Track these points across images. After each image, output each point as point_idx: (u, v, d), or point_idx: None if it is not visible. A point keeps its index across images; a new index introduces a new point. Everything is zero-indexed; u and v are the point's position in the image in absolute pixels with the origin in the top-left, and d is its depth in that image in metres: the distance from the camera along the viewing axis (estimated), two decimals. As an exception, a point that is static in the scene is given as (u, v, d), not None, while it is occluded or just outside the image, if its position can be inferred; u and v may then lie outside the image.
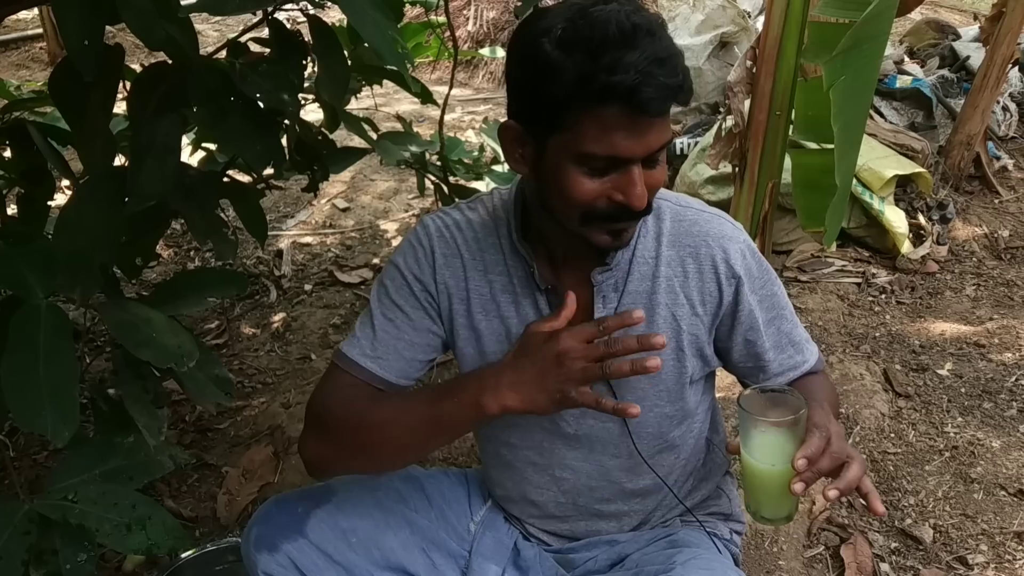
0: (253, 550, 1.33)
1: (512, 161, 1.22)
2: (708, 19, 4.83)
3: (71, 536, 1.31)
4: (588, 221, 1.16)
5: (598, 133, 1.07)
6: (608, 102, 1.05)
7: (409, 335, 1.33)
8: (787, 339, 1.37)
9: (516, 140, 1.19)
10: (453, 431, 1.30)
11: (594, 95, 1.05)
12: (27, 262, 1.29)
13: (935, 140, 4.29)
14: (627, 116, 1.05)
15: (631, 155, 1.09)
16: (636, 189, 1.11)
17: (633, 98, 1.03)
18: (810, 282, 3.49)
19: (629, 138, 1.08)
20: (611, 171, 1.11)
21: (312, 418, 1.32)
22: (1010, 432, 2.57)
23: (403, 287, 1.34)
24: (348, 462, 1.33)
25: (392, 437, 1.26)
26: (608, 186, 1.12)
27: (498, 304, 1.33)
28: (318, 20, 1.48)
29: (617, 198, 1.13)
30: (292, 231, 4.04)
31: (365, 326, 1.34)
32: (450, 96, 2.56)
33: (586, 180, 1.12)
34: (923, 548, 2.14)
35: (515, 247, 1.30)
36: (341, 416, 1.28)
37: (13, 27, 7.47)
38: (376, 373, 1.31)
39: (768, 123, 2.78)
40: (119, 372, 1.47)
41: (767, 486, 1.10)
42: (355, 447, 1.29)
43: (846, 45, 1.73)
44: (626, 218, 1.16)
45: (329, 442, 1.30)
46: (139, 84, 1.45)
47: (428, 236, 1.34)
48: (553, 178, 1.15)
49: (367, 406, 1.28)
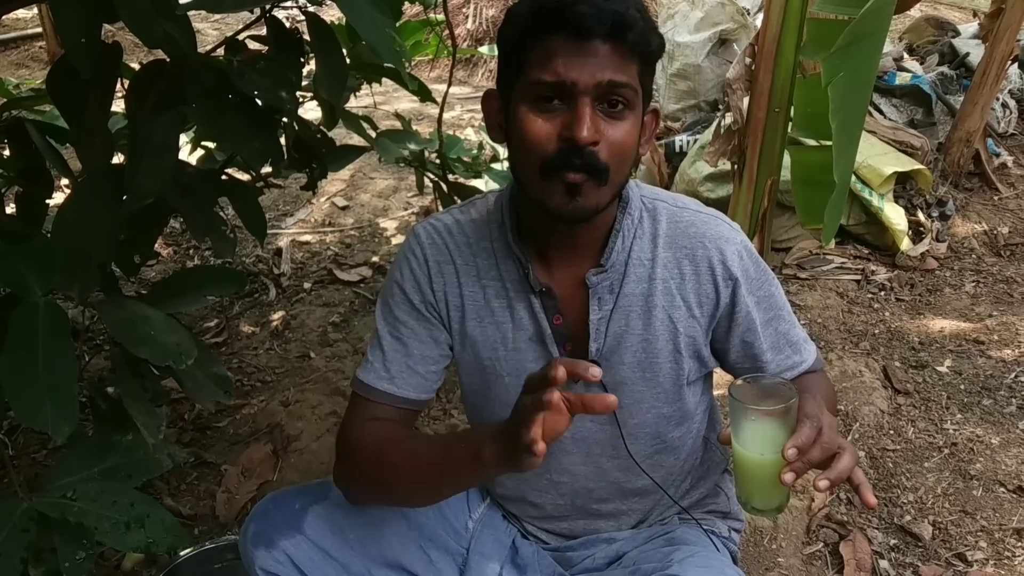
0: (251, 546, 1.34)
1: (492, 131, 1.26)
2: (707, 16, 4.82)
3: (70, 534, 1.31)
4: (546, 173, 1.15)
5: (543, 60, 1.12)
6: (552, 30, 1.10)
7: (418, 349, 1.34)
8: (785, 339, 1.37)
9: (496, 110, 1.24)
10: (461, 478, 1.22)
11: (539, 24, 1.11)
12: (25, 260, 1.29)
13: (934, 137, 4.29)
14: (569, 40, 1.10)
15: (575, 81, 1.10)
16: (582, 122, 1.11)
17: (568, 14, 1.08)
18: (809, 279, 3.49)
19: (571, 61, 1.10)
20: (561, 108, 1.13)
21: (342, 452, 1.34)
22: (1009, 429, 2.57)
23: (404, 302, 1.34)
24: (375, 498, 1.35)
25: (406, 479, 1.26)
26: (559, 124, 1.13)
27: (492, 310, 1.33)
28: (316, 18, 1.48)
29: (565, 135, 1.12)
30: (291, 229, 4.04)
31: (375, 349, 1.35)
32: (449, 94, 2.56)
33: (537, 119, 1.14)
34: (922, 545, 2.14)
35: (508, 248, 1.30)
36: (366, 457, 1.29)
37: (12, 26, 7.47)
38: (395, 394, 1.33)
39: (767, 120, 2.78)
40: (118, 370, 1.47)
41: (757, 476, 1.10)
42: (379, 487, 1.31)
43: (844, 42, 1.73)
44: (576, 164, 1.13)
45: (357, 479, 1.33)
46: (137, 82, 1.45)
47: (420, 245, 1.35)
48: (514, 130, 1.17)
49: (388, 447, 1.28)
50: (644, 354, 1.31)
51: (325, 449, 2.48)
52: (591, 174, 1.14)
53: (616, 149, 1.15)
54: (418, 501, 1.35)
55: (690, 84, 4.83)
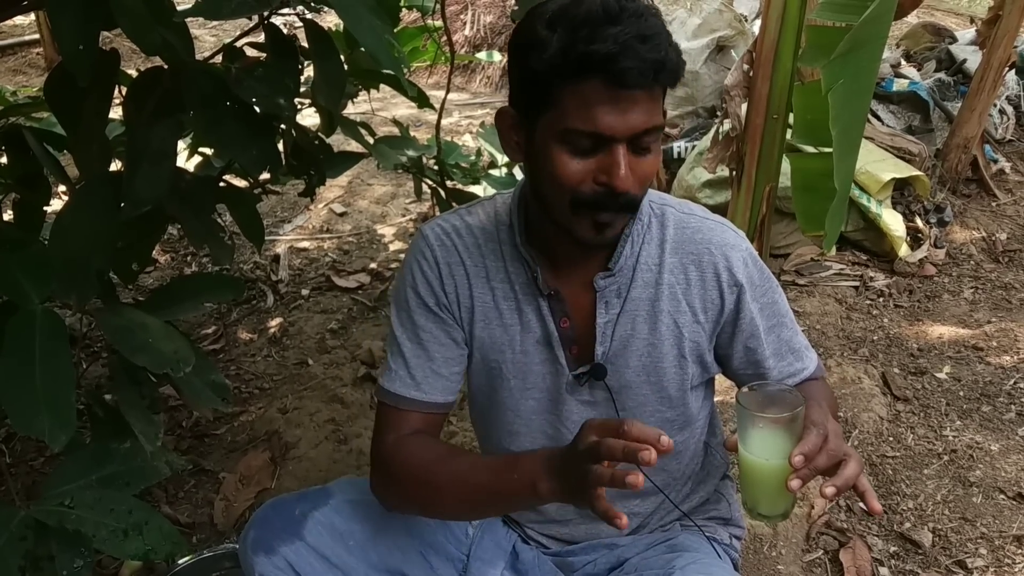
0: (250, 553, 1.33)
1: (508, 149, 1.24)
2: (705, 23, 4.84)
3: (67, 542, 1.30)
4: (577, 208, 1.15)
5: (579, 108, 1.09)
6: (587, 75, 1.06)
7: (440, 352, 1.33)
8: (787, 347, 1.37)
9: (512, 127, 1.21)
10: (512, 504, 1.31)
11: (573, 67, 1.07)
12: (23, 268, 1.28)
13: (932, 143, 4.30)
14: (607, 89, 1.07)
15: (613, 132, 1.09)
16: (620, 170, 1.10)
17: (610, 68, 1.05)
18: (808, 286, 3.49)
19: (610, 113, 1.08)
20: (596, 152, 1.12)
21: (378, 465, 1.33)
22: (1009, 435, 2.57)
23: (419, 306, 1.33)
24: (416, 512, 1.36)
25: (453, 500, 1.25)
26: (593, 167, 1.12)
27: (501, 312, 1.32)
28: (314, 25, 1.48)
29: (601, 179, 1.12)
30: (289, 236, 4.04)
31: (396, 357, 1.34)
32: (447, 100, 2.56)
33: (571, 161, 1.12)
34: (922, 552, 2.14)
35: (516, 251, 1.30)
36: (404, 474, 1.29)
37: (10, 33, 7.48)
38: (423, 400, 1.32)
39: (765, 127, 2.78)
40: (115, 378, 1.47)
41: (764, 483, 1.10)
42: (418, 502, 1.31)
43: (844, 48, 1.73)
44: (611, 206, 1.14)
45: (393, 492, 1.32)
46: (135, 89, 1.45)
47: (430, 247, 1.34)
48: (541, 161, 1.16)
49: (430, 466, 1.27)
50: (649, 358, 1.31)
51: (323, 456, 2.47)
52: (631, 210, 1.18)
53: (646, 181, 1.17)
54: (462, 518, 1.39)
55: (688, 90, 4.83)
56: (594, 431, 1.05)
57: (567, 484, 1.10)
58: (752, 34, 4.73)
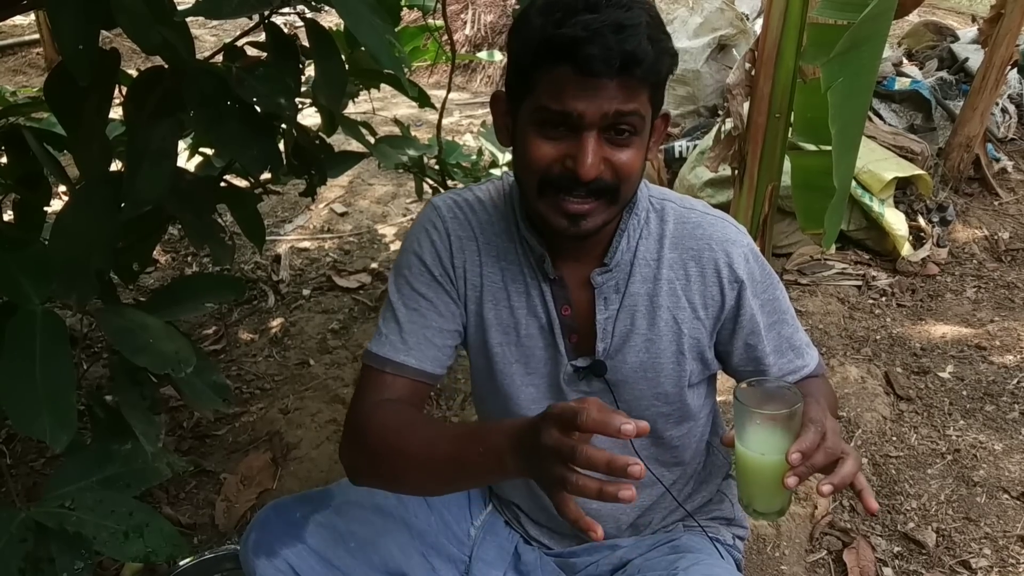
0: (251, 555, 1.33)
1: (499, 133, 1.27)
2: (706, 22, 4.83)
3: (68, 544, 1.30)
4: (543, 190, 1.16)
5: (551, 89, 1.11)
6: (560, 60, 1.09)
7: (436, 321, 1.31)
8: (788, 343, 1.36)
9: (503, 112, 1.24)
10: (478, 478, 1.22)
11: (548, 53, 1.09)
12: (23, 268, 1.27)
13: (934, 142, 4.29)
14: (576, 74, 1.08)
15: (581, 114, 1.10)
16: (586, 156, 1.11)
17: (575, 54, 1.07)
18: (810, 285, 3.48)
19: (578, 97, 1.09)
20: (568, 137, 1.13)
21: (350, 431, 1.28)
22: (1012, 435, 2.56)
23: (423, 273, 1.32)
24: (379, 480, 1.28)
25: (420, 469, 1.19)
26: (563, 152, 1.13)
27: (508, 293, 1.32)
28: (315, 24, 1.47)
29: (568, 164, 1.13)
30: (290, 236, 4.03)
31: (389, 322, 1.31)
32: (448, 100, 2.56)
33: (542, 143, 1.14)
34: (926, 552, 2.13)
35: (526, 233, 1.30)
36: (376, 439, 1.23)
37: (10, 33, 7.48)
38: (412, 365, 1.29)
39: (767, 125, 2.77)
40: (116, 378, 1.46)
41: (760, 479, 1.10)
42: (386, 471, 1.24)
43: (844, 46, 1.73)
44: (575, 191, 1.14)
45: (364, 459, 1.26)
46: (135, 88, 1.44)
47: (441, 218, 1.33)
48: (519, 144, 1.18)
49: (401, 431, 1.21)
50: (647, 354, 1.31)
51: (325, 457, 2.47)
52: (601, 196, 1.16)
53: (624, 170, 1.16)
54: (428, 491, 1.33)
55: (689, 89, 4.83)
56: (553, 423, 0.95)
57: (534, 470, 0.99)
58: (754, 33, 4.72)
